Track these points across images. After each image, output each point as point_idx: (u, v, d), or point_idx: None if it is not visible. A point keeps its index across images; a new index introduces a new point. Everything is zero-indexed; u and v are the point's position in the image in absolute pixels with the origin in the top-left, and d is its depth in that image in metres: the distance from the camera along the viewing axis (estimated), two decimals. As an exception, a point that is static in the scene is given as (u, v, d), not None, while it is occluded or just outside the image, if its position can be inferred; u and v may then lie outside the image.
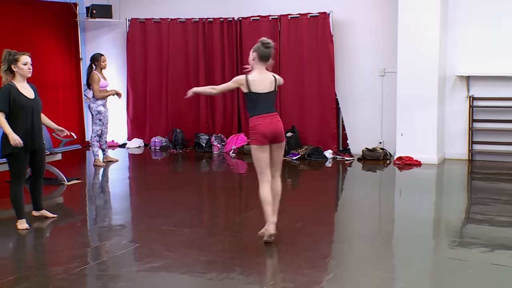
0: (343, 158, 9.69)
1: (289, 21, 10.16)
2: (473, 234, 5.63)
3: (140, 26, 11.25)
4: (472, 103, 9.23)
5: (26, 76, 5.82)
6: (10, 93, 5.65)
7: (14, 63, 5.73)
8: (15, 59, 5.73)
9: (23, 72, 5.77)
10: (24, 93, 5.76)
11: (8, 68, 5.75)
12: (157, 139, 11.12)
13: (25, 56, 5.77)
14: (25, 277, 4.47)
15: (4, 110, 5.62)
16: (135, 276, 4.56)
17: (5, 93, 5.64)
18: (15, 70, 5.74)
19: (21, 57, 5.75)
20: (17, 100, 5.69)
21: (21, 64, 5.75)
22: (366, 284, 4.39)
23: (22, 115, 5.72)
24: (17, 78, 5.78)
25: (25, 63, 5.75)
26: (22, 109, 5.71)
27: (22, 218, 5.88)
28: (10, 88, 5.68)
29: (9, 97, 5.65)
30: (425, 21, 8.95)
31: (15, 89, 5.70)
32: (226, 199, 7.64)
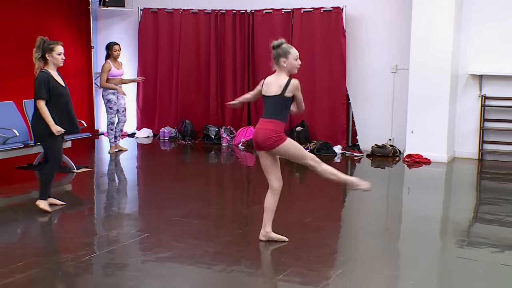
0: (352, 154, 9.67)
1: (302, 15, 10.12)
2: (482, 234, 5.60)
3: (152, 16, 11.24)
4: (484, 102, 9.18)
5: (59, 66, 5.94)
6: (49, 81, 5.79)
7: (49, 52, 5.84)
8: (50, 48, 5.84)
9: (57, 61, 5.90)
10: (58, 81, 5.91)
11: (42, 56, 5.86)
12: (166, 129, 11.12)
13: (59, 46, 5.90)
14: (35, 263, 4.49)
15: (45, 98, 5.77)
16: (143, 266, 4.57)
17: (45, 81, 5.77)
18: (49, 59, 5.86)
19: (56, 46, 5.87)
20: (55, 88, 5.83)
21: (56, 54, 5.86)
22: (375, 281, 4.38)
23: (57, 102, 5.86)
24: (50, 66, 5.90)
25: (60, 53, 5.88)
26: (58, 96, 5.86)
27: (46, 199, 6.02)
28: (49, 76, 5.82)
29: (49, 85, 5.78)
30: (439, 18, 8.89)
31: (52, 77, 5.83)
32: (234, 192, 7.64)
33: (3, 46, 9.67)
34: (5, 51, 9.68)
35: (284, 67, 4.83)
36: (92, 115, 11.61)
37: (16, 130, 7.32)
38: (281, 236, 5.07)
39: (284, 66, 4.82)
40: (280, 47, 4.82)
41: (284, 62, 4.81)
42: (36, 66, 5.88)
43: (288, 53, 4.82)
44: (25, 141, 7.53)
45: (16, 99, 8.30)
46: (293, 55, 4.84)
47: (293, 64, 4.84)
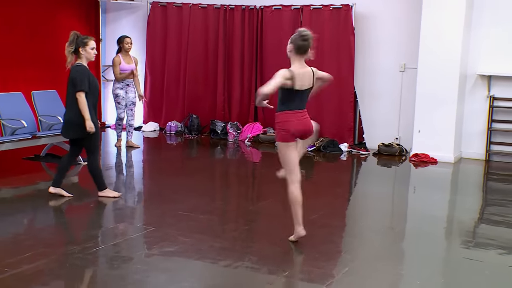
0: (359, 152, 9.66)
1: (311, 11, 10.10)
2: (489, 235, 5.58)
3: (161, 10, 11.24)
4: (492, 103, 9.15)
5: (91, 60, 6.08)
6: (87, 73, 5.92)
7: (82, 46, 5.95)
8: (84, 42, 5.96)
9: (89, 55, 6.01)
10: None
11: (75, 50, 5.96)
12: (172, 123, 11.13)
13: (92, 41, 6.03)
14: (43, 254, 4.51)
15: (86, 90, 5.88)
16: (149, 260, 4.59)
17: (85, 74, 5.89)
18: (82, 53, 5.96)
19: (90, 41, 5.99)
20: (93, 81, 5.97)
21: (89, 48, 5.98)
22: (380, 279, 4.38)
23: (94, 95, 6.01)
24: (83, 60, 6.00)
25: (92, 48, 6.01)
26: (94, 90, 5.99)
27: (105, 189, 6.24)
28: (86, 69, 5.95)
29: (89, 78, 5.91)
30: (449, 18, 8.85)
31: (89, 70, 5.98)
32: (240, 187, 7.65)
33: (13, 37, 9.68)
34: (14, 42, 9.69)
35: (309, 57, 4.89)
36: (99, 108, 11.61)
37: (24, 121, 7.35)
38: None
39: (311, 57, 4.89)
40: (311, 37, 4.86)
41: (312, 52, 4.89)
42: (69, 60, 5.99)
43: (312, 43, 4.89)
44: (33, 132, 7.55)
45: (25, 90, 8.33)
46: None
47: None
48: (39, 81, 9.88)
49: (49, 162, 8.01)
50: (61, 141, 7.95)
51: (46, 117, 7.83)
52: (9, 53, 9.59)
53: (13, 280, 4.04)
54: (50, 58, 10.43)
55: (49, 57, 10.39)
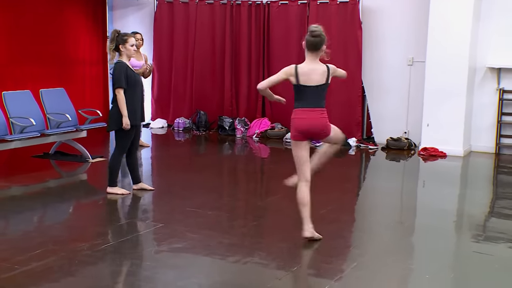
0: (367, 146, 9.62)
1: (318, 6, 10.06)
2: (499, 229, 5.54)
3: (168, 7, 11.23)
4: (502, 96, 9.08)
5: (131, 57, 6.20)
6: (126, 70, 6.02)
7: (122, 44, 6.05)
8: (123, 40, 6.06)
9: (129, 52, 6.10)
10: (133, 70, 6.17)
11: (116, 47, 6.08)
12: (180, 120, 11.13)
13: (132, 38, 6.12)
14: (52, 251, 4.52)
15: (124, 86, 6.00)
16: (158, 256, 4.60)
17: (122, 70, 6.00)
18: (122, 50, 6.06)
19: (129, 38, 6.08)
20: (132, 77, 6.06)
21: (129, 45, 6.06)
22: (389, 274, 4.37)
23: (132, 91, 6.09)
24: (123, 57, 6.10)
25: (132, 45, 6.09)
26: (133, 85, 6.09)
27: (115, 186, 6.29)
28: (126, 66, 6.05)
29: (126, 74, 6.01)
30: (457, 11, 8.79)
31: (127, 66, 6.08)
32: (248, 183, 7.64)
33: (20, 35, 9.71)
34: (22, 40, 9.72)
35: (322, 54, 4.82)
36: (107, 105, 11.63)
37: (33, 119, 7.37)
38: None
39: (323, 53, 4.81)
40: (322, 34, 4.77)
41: (325, 48, 4.81)
42: (110, 57, 6.16)
43: (326, 40, 4.81)
44: (42, 130, 7.57)
45: (33, 88, 8.35)
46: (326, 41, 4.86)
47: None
48: (47, 78, 9.92)
49: (58, 160, 8.04)
50: (70, 139, 7.98)
51: (54, 115, 7.85)
52: (16, 51, 9.63)
53: (23, 277, 4.06)
54: (58, 55, 10.47)
55: (56, 54, 10.43)
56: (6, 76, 9.41)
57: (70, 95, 8.52)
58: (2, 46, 9.44)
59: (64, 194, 6.56)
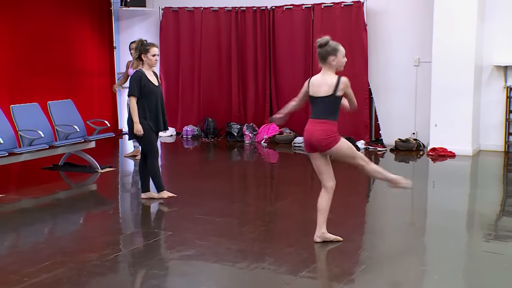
0: (376, 148, 9.60)
1: (323, 10, 10.07)
2: (509, 227, 5.52)
3: (173, 15, 11.29)
4: (510, 94, 9.03)
5: (153, 66, 6.33)
6: (141, 79, 6.18)
7: (144, 53, 6.20)
8: (146, 49, 6.20)
9: (151, 62, 6.24)
10: (151, 80, 6.27)
11: (139, 56, 6.26)
12: (189, 128, 11.16)
13: (155, 48, 6.24)
14: (61, 263, 4.54)
15: (136, 95, 6.17)
16: (167, 264, 4.61)
17: (137, 80, 6.18)
18: (144, 60, 6.23)
19: (152, 48, 6.21)
20: (147, 86, 6.19)
21: (150, 55, 6.20)
22: (399, 276, 4.35)
23: (149, 99, 6.23)
24: (145, 66, 6.27)
25: (154, 54, 6.21)
26: (150, 94, 6.22)
27: (163, 190, 6.47)
28: (141, 75, 6.20)
29: (140, 83, 6.16)
30: (461, 9, 8.76)
31: (144, 76, 6.21)
32: (257, 189, 7.64)
33: (27, 47, 9.80)
34: (29, 52, 9.81)
35: (333, 65, 4.73)
36: (115, 115, 11.71)
37: (41, 131, 7.42)
38: (336, 236, 4.96)
39: (333, 64, 4.73)
40: (328, 45, 4.69)
41: (333, 60, 4.72)
42: (134, 65, 6.37)
43: (337, 51, 4.72)
44: (50, 142, 7.62)
45: (41, 100, 8.41)
46: (341, 52, 4.74)
47: (342, 62, 4.76)
48: (54, 90, 9.99)
49: (67, 171, 8.09)
50: (79, 150, 8.02)
51: (62, 127, 7.90)
52: (23, 63, 9.71)
53: (32, 289, 4.09)
54: (65, 67, 10.55)
55: (63, 66, 10.51)
56: (14, 88, 9.50)
57: (77, 106, 8.56)
58: (9, 59, 9.53)
59: (73, 205, 6.59)
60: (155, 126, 6.33)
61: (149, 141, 6.33)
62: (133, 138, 6.46)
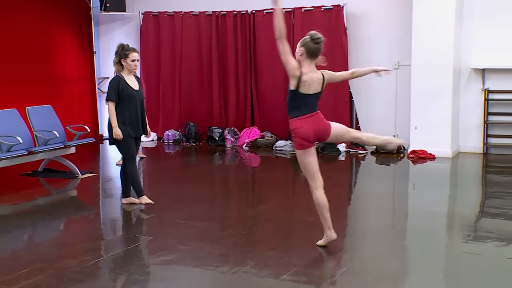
0: (357, 151, 9.65)
1: (303, 14, 10.11)
2: (488, 228, 5.58)
3: (154, 20, 11.26)
4: (487, 96, 9.14)
5: (132, 71, 6.30)
6: (119, 84, 6.16)
7: (124, 58, 6.20)
8: (125, 54, 6.20)
9: (130, 67, 6.24)
10: (130, 85, 6.24)
11: (119, 61, 6.25)
12: (170, 132, 11.13)
13: (134, 53, 6.24)
14: (40, 269, 4.49)
15: (113, 100, 6.16)
16: (148, 269, 4.59)
17: (114, 85, 6.17)
18: (124, 64, 6.22)
19: (131, 53, 6.21)
20: (125, 90, 6.17)
21: (130, 60, 6.20)
22: (379, 278, 4.36)
23: (128, 104, 6.19)
24: (125, 70, 6.26)
25: (133, 60, 6.21)
26: (128, 99, 6.19)
27: (143, 195, 6.43)
28: (119, 80, 6.19)
29: (118, 88, 6.15)
30: (440, 13, 8.86)
31: (123, 81, 6.20)
32: (239, 193, 7.64)
33: (6, 52, 9.70)
34: (8, 57, 9.71)
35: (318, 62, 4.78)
36: (96, 120, 11.63)
37: (20, 137, 7.34)
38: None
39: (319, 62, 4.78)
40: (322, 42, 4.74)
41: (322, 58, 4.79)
42: (115, 69, 6.31)
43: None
44: (29, 148, 7.55)
45: (19, 106, 8.32)
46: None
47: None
48: (34, 96, 9.90)
49: (47, 177, 8.01)
50: (58, 156, 7.95)
51: (42, 132, 7.83)
52: (2, 70, 9.60)
53: (11, 297, 4.04)
54: (44, 73, 10.46)
55: (43, 72, 10.43)
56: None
57: (57, 112, 8.50)
58: (-12, 65, 9.44)
59: (53, 211, 6.53)
60: (135, 131, 6.29)
61: (126, 147, 6.28)
62: (113, 143, 6.42)
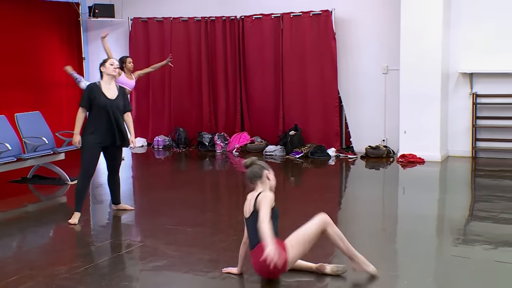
0: (346, 156, 9.68)
1: (292, 19, 10.15)
2: (476, 231, 5.61)
3: (143, 25, 11.25)
4: (476, 100, 9.21)
5: (111, 74, 6.05)
6: (91, 91, 5.98)
7: (102, 64, 6.07)
8: (104, 60, 6.11)
9: (108, 70, 6.03)
10: (105, 93, 6.00)
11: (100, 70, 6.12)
12: (160, 138, 11.12)
13: (112, 59, 6.19)
14: (29, 277, 4.47)
15: (83, 106, 6.01)
16: (138, 275, 4.57)
17: (87, 91, 6.02)
18: (102, 71, 6.06)
19: (110, 59, 6.18)
20: (97, 98, 5.95)
21: (108, 63, 6.04)
22: (370, 282, 4.38)
23: (98, 112, 5.97)
24: (104, 77, 6.07)
25: (112, 63, 6.06)
26: (100, 108, 5.95)
27: (77, 211, 6.04)
28: (92, 87, 6.02)
29: (90, 95, 5.96)
30: (428, 18, 8.93)
31: (98, 89, 6.00)
32: (229, 198, 7.64)
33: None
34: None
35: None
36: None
37: (9, 144, 7.31)
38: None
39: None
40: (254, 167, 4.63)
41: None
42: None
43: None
44: (18, 155, 7.51)
45: (8, 113, 8.28)
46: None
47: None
48: (22, 102, 9.86)
49: (36, 184, 7.97)
50: (48, 162, 7.92)
51: (30, 139, 7.80)
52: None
53: (0, 305, 4.01)
54: (33, 79, 10.43)
55: (31, 78, 10.39)
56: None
57: (46, 118, 8.46)
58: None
59: (42, 218, 6.50)
60: (107, 140, 6.00)
61: (85, 157, 6.02)
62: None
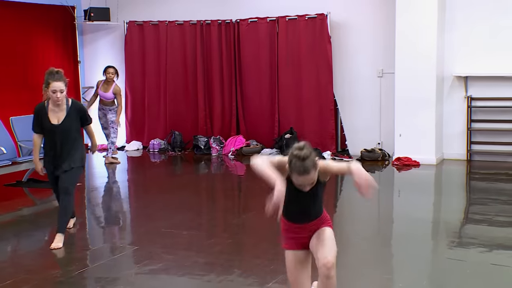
0: (342, 159, 9.68)
1: (287, 22, 10.16)
2: (471, 234, 5.63)
3: (138, 29, 11.25)
4: (470, 103, 9.24)
5: (55, 103, 5.32)
6: (38, 113, 5.41)
7: (45, 86, 5.31)
8: (47, 83, 5.27)
9: (52, 98, 5.30)
10: (50, 117, 5.37)
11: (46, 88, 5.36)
12: (155, 141, 11.11)
13: (55, 83, 5.23)
14: (24, 281, 4.46)
15: (36, 131, 5.47)
16: (134, 279, 4.56)
17: (36, 114, 5.43)
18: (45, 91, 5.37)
19: (52, 83, 5.23)
20: (43, 123, 5.40)
21: (50, 91, 5.26)
22: (364, 285, 4.39)
23: (47, 137, 5.45)
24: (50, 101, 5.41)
25: (54, 91, 5.23)
26: (47, 132, 5.42)
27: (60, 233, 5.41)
28: (37, 110, 5.42)
29: (37, 118, 5.42)
30: (422, 21, 8.95)
31: (42, 112, 5.39)
32: (225, 201, 7.64)
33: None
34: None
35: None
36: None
37: (4, 147, 7.29)
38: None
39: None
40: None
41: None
42: (44, 97, 5.43)
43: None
44: (13, 158, 7.49)
45: (3, 116, 8.27)
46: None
47: None
48: (17, 106, 9.82)
49: (31, 187, 7.96)
50: (43, 166, 7.89)
51: (26, 142, 7.77)
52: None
53: (-6, 309, 4.00)
54: (28, 82, 10.39)
55: (26, 81, 10.36)
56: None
57: (42, 121, 8.43)
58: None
59: (38, 221, 6.49)
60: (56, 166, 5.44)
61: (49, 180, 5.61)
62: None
